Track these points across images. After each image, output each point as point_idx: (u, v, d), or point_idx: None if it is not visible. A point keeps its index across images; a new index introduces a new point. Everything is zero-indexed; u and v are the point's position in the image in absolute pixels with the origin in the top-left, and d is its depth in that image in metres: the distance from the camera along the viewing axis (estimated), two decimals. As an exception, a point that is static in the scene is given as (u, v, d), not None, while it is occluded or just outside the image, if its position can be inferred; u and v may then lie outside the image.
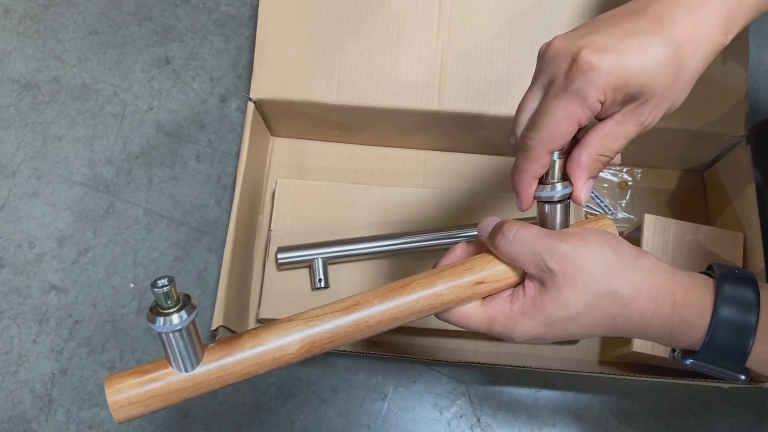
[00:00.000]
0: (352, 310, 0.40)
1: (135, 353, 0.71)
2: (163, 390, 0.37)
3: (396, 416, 0.70)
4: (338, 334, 0.39)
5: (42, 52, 0.83)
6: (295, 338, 0.39)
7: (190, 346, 0.36)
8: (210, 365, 0.38)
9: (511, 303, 0.41)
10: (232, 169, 0.79)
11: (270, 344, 0.38)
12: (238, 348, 0.38)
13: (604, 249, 0.39)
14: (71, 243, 0.75)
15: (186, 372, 0.37)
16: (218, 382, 0.38)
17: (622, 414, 0.70)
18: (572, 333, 0.40)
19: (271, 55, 0.70)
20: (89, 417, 0.69)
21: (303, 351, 0.39)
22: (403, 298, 0.41)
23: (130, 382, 0.37)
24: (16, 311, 0.72)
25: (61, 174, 0.78)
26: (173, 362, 0.37)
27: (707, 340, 0.39)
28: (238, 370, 0.38)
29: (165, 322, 0.35)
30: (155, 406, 0.37)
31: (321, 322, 0.39)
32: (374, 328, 0.40)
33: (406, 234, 0.69)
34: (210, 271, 0.74)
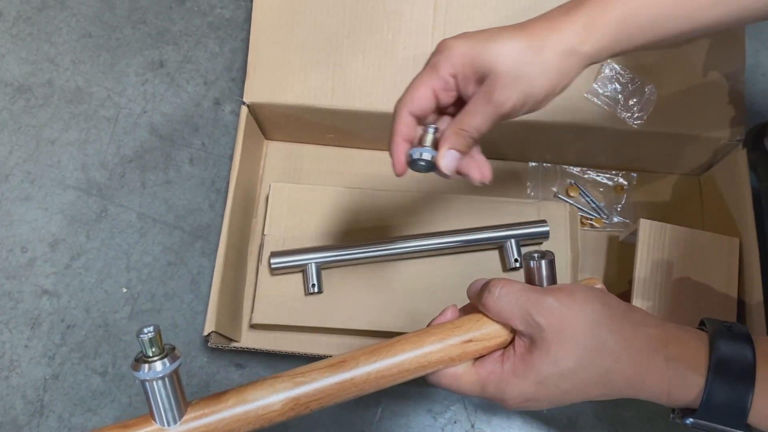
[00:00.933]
0: (338, 369, 0.39)
1: (128, 358, 0.71)
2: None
3: (390, 422, 0.69)
4: (324, 393, 0.39)
5: (35, 55, 0.82)
6: (280, 397, 0.38)
7: (173, 397, 0.36)
8: (192, 421, 0.37)
9: (502, 363, 0.40)
10: (225, 173, 0.78)
11: (254, 402, 0.38)
12: (222, 404, 0.38)
13: (592, 302, 0.39)
14: (64, 247, 0.75)
15: (168, 426, 0.37)
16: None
17: (617, 421, 0.70)
18: (566, 391, 0.39)
19: (265, 58, 0.70)
20: (81, 423, 0.69)
21: (287, 409, 0.38)
22: (391, 357, 0.40)
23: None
24: (8, 316, 0.72)
25: (53, 178, 0.77)
26: (156, 415, 0.37)
27: (705, 397, 0.38)
28: (221, 427, 0.37)
29: (149, 369, 0.35)
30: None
31: (307, 379, 0.38)
32: (360, 388, 0.39)
33: (399, 239, 0.69)
34: (203, 276, 0.74)
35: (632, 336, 0.38)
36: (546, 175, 0.78)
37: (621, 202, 0.77)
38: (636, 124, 0.69)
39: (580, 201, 0.77)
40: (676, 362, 0.38)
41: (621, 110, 0.69)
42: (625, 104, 0.69)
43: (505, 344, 0.41)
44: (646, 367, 0.38)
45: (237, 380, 0.70)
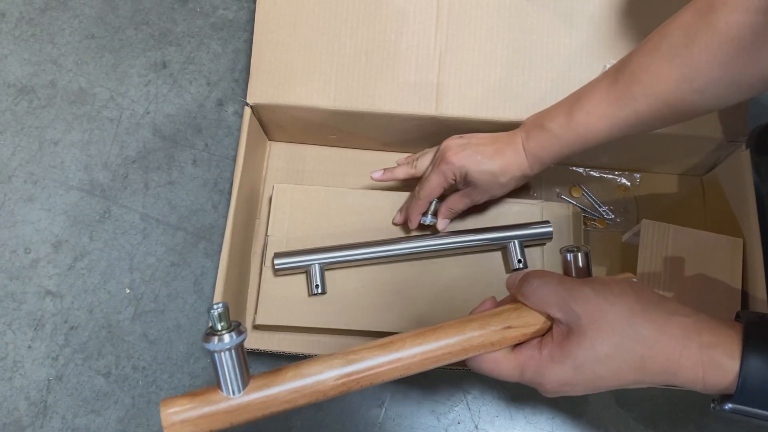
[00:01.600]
0: (386, 349, 0.42)
1: (131, 359, 0.71)
2: (211, 412, 0.40)
3: (393, 423, 0.69)
4: (373, 370, 0.42)
5: (38, 56, 0.82)
6: (333, 373, 0.41)
7: (239, 368, 0.40)
8: (255, 392, 0.41)
9: (540, 349, 0.42)
10: (229, 174, 0.78)
11: (310, 377, 0.41)
12: (281, 377, 0.41)
13: (627, 292, 0.41)
14: (67, 248, 0.75)
15: (233, 395, 0.40)
16: (262, 408, 0.41)
17: (621, 421, 0.70)
18: (601, 376, 0.40)
19: (268, 59, 0.70)
20: (84, 424, 0.69)
21: (339, 383, 0.41)
22: (435, 341, 0.43)
23: (183, 403, 0.40)
24: (11, 317, 0.72)
25: (56, 179, 0.77)
26: (222, 384, 0.40)
27: (741, 381, 0.38)
28: (281, 398, 0.41)
29: (218, 341, 0.39)
30: (203, 427, 0.40)
31: (358, 357, 0.42)
32: (407, 367, 0.42)
33: (404, 240, 0.69)
34: (207, 277, 0.74)
35: (666, 324, 0.40)
36: (550, 176, 0.78)
37: (624, 203, 0.77)
38: (639, 124, 0.69)
39: (584, 201, 0.77)
40: (710, 349, 0.39)
41: (624, 111, 0.69)
42: (628, 105, 0.69)
43: (543, 332, 0.43)
44: (680, 354, 0.39)
45: (240, 381, 0.70)
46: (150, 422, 0.69)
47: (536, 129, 0.61)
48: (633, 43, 0.70)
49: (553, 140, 0.60)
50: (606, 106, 0.56)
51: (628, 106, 0.54)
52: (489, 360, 0.44)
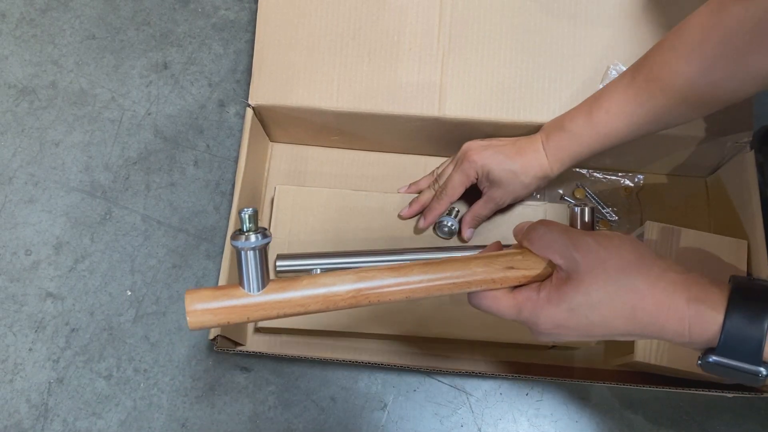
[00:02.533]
0: (396, 272, 0.45)
1: (132, 362, 0.70)
2: (231, 305, 0.43)
3: (396, 426, 0.69)
4: (381, 288, 0.44)
5: (39, 57, 0.82)
6: (345, 287, 0.44)
7: (260, 268, 0.43)
8: (273, 292, 0.43)
9: (538, 291, 0.44)
10: (230, 175, 0.78)
11: (324, 287, 0.44)
12: (297, 283, 0.44)
13: (626, 246, 0.43)
14: (68, 250, 0.74)
15: (253, 292, 0.43)
16: (277, 307, 0.43)
17: (624, 423, 0.69)
18: (593, 322, 0.42)
19: (270, 60, 0.70)
20: (86, 427, 0.68)
21: (349, 296, 0.44)
22: (441, 271, 0.45)
23: (206, 294, 0.43)
24: (12, 319, 0.72)
25: (57, 180, 0.77)
26: (244, 281, 0.43)
27: (723, 334, 0.40)
28: (295, 301, 0.43)
29: (245, 239, 0.42)
30: (222, 318, 0.43)
31: (369, 275, 0.45)
32: (412, 292, 0.45)
33: (407, 251, 0.68)
34: (208, 278, 0.74)
35: (658, 279, 0.42)
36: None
37: (628, 205, 0.77)
38: (643, 125, 0.68)
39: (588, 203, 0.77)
40: (697, 303, 0.41)
41: (628, 112, 0.69)
42: (632, 106, 0.69)
43: (543, 278, 0.45)
44: (668, 306, 0.41)
45: (243, 384, 0.70)
46: (151, 425, 0.68)
47: (556, 130, 0.64)
48: (637, 43, 0.70)
49: (574, 140, 0.62)
50: (625, 104, 0.58)
51: (647, 102, 0.57)
52: (489, 297, 0.46)
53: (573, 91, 0.69)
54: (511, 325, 0.68)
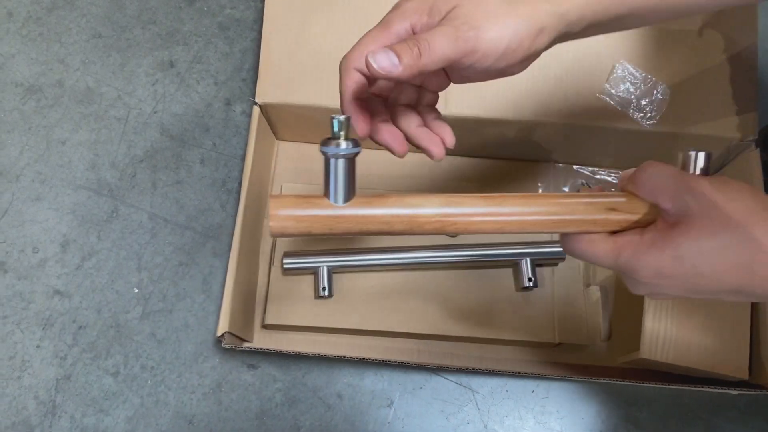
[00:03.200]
0: (488, 200, 0.42)
1: (139, 359, 0.71)
2: (315, 215, 0.41)
3: (402, 423, 0.69)
4: (469, 216, 0.41)
5: (45, 56, 0.82)
6: (433, 209, 0.41)
7: (348, 179, 0.41)
8: (358, 206, 0.41)
9: (641, 235, 0.40)
10: (236, 173, 0.78)
11: (411, 208, 0.41)
12: (384, 200, 0.42)
13: (745, 194, 0.38)
14: (75, 247, 0.75)
15: (336, 203, 0.41)
16: (361, 222, 0.41)
17: (629, 420, 0.69)
18: (701, 273, 0.38)
19: (277, 58, 0.70)
20: (93, 423, 0.69)
21: (434, 220, 0.41)
22: (538, 205, 0.42)
23: (291, 200, 0.41)
24: (19, 316, 0.72)
25: (64, 178, 0.77)
26: (331, 191, 0.41)
27: None
28: (380, 218, 0.41)
29: (335, 146, 0.40)
30: (304, 226, 0.41)
31: (458, 201, 0.42)
32: (503, 224, 0.42)
33: (414, 249, 0.69)
34: (215, 276, 0.74)
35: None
36: (557, 175, 0.78)
37: (632, 203, 0.77)
38: (648, 124, 0.69)
39: (592, 201, 0.77)
40: None
41: (633, 110, 0.69)
42: (638, 104, 0.69)
43: (647, 224, 0.41)
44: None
45: (249, 381, 0.70)
46: (159, 422, 0.69)
47: None
48: (642, 41, 0.70)
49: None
50: None
51: None
52: (584, 240, 0.42)
53: (579, 89, 0.69)
54: (517, 324, 0.68)
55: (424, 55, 0.39)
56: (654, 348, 0.63)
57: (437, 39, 0.39)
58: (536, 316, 0.68)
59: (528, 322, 0.68)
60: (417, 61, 0.39)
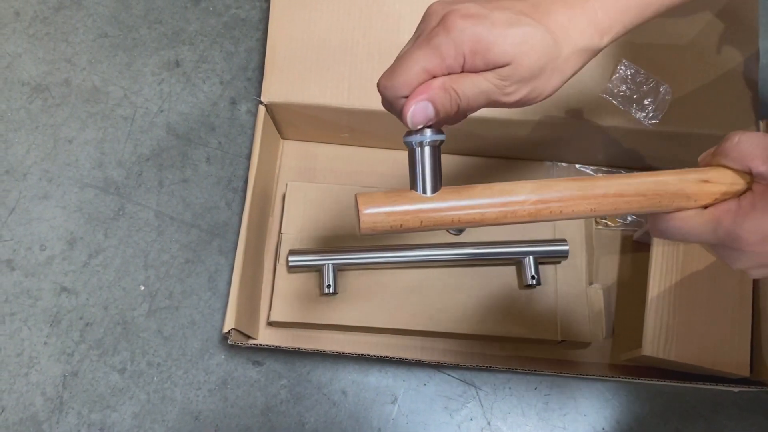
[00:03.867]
0: (578, 183, 0.41)
1: (146, 355, 0.71)
2: (405, 209, 0.40)
3: (406, 419, 0.70)
4: (564, 202, 0.40)
5: (52, 55, 0.83)
6: (525, 196, 0.40)
7: (435, 168, 0.40)
8: (447, 196, 0.41)
9: (739, 201, 0.39)
10: (242, 172, 0.79)
11: (502, 196, 0.41)
12: (473, 190, 0.41)
13: None
14: (82, 245, 0.75)
15: (426, 194, 0.40)
16: (452, 212, 0.40)
17: (632, 417, 0.70)
18: None
19: (282, 58, 0.71)
20: (100, 419, 0.69)
21: (529, 206, 0.40)
22: (629, 179, 0.41)
23: (379, 197, 0.40)
24: (27, 313, 0.73)
25: (71, 176, 0.78)
26: (418, 182, 0.40)
27: None
28: (472, 206, 0.40)
29: (421, 133, 0.39)
30: (395, 221, 0.40)
31: (551, 184, 0.41)
32: (599, 206, 0.41)
33: (418, 247, 0.69)
34: (221, 274, 0.75)
35: None
36: (560, 175, 0.79)
37: (634, 201, 0.78)
38: (651, 123, 0.69)
39: (594, 200, 0.78)
40: None
41: (636, 110, 0.70)
42: (640, 104, 0.70)
43: (741, 193, 0.40)
44: None
45: (255, 377, 0.71)
46: (165, 418, 0.69)
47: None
48: (647, 39, 0.70)
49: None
50: None
51: None
52: (677, 218, 0.40)
53: (582, 87, 0.70)
54: (520, 321, 0.69)
55: (460, 112, 0.40)
56: (656, 345, 0.64)
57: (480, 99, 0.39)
58: (539, 313, 0.69)
59: (531, 319, 0.69)
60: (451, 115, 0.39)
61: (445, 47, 0.37)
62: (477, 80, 0.38)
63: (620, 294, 0.74)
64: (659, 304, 0.65)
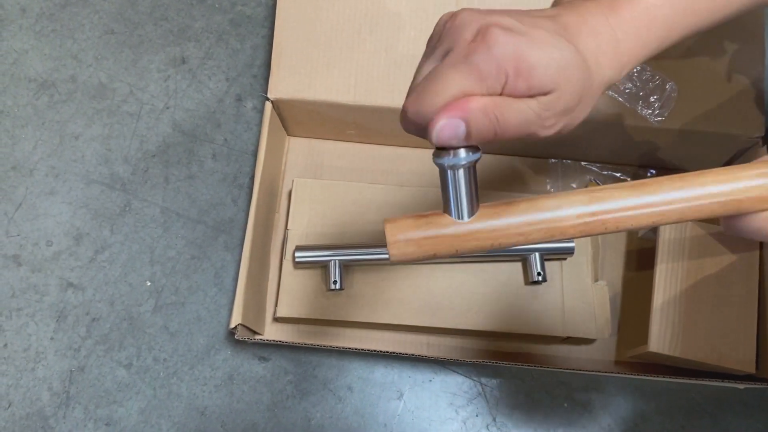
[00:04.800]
0: (639, 190, 0.36)
1: (152, 351, 0.72)
2: (438, 234, 0.37)
3: (412, 415, 0.70)
4: (622, 213, 0.36)
5: (59, 51, 0.83)
6: (575, 210, 0.36)
7: (471, 191, 0.36)
8: (486, 218, 0.37)
9: None
10: (248, 168, 0.79)
11: (547, 211, 0.37)
12: (514, 207, 0.37)
13: None
14: (88, 241, 0.75)
15: (462, 219, 0.37)
16: (491, 236, 0.37)
17: (637, 414, 0.70)
18: None
19: (289, 54, 0.71)
20: (106, 414, 0.69)
21: (580, 222, 0.36)
22: (701, 186, 0.36)
23: (409, 222, 0.37)
24: (33, 308, 0.73)
25: (77, 172, 0.78)
26: (452, 205, 0.37)
27: None
28: (513, 229, 0.37)
29: (453, 155, 0.34)
30: (427, 249, 0.37)
31: (604, 195, 0.37)
32: (662, 215, 0.36)
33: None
34: (227, 270, 0.75)
35: None
36: (565, 172, 0.79)
37: (640, 199, 0.78)
38: (656, 120, 0.69)
39: (600, 197, 0.78)
40: None
41: (641, 107, 0.70)
42: (646, 101, 0.70)
43: None
44: None
45: (261, 373, 0.71)
46: (171, 413, 0.70)
47: None
48: (651, 39, 0.70)
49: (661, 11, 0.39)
50: None
51: None
52: (759, 218, 0.36)
53: (588, 86, 0.70)
54: (526, 318, 0.69)
55: (496, 136, 0.34)
56: (662, 342, 0.64)
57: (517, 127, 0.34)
58: (545, 310, 0.69)
59: (536, 316, 0.69)
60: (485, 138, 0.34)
61: (485, 65, 0.33)
62: (521, 107, 0.34)
63: (626, 291, 0.74)
64: (665, 301, 0.65)
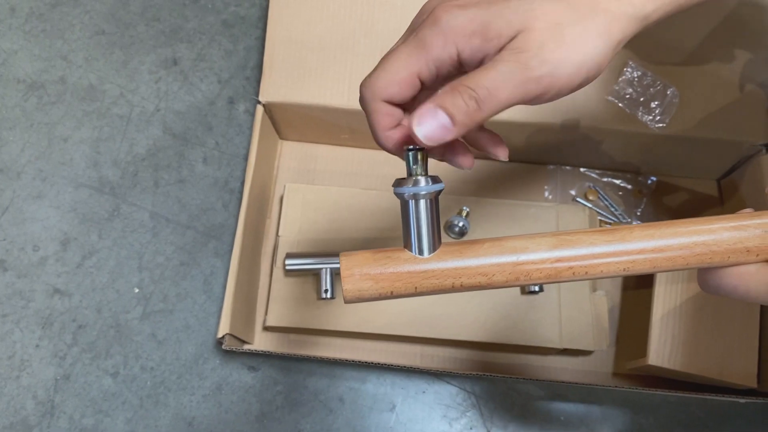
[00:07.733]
0: (609, 236, 0.35)
1: (139, 359, 0.70)
2: (396, 271, 0.35)
3: (405, 427, 0.68)
4: (591, 260, 0.35)
5: (48, 52, 0.82)
6: (542, 255, 0.35)
7: (432, 224, 0.35)
8: (447, 256, 0.35)
9: None
10: (239, 173, 0.77)
11: (513, 253, 0.35)
12: (478, 248, 0.35)
13: None
14: (76, 246, 0.74)
15: (420, 255, 0.35)
16: (453, 276, 0.35)
17: (635, 427, 0.68)
18: None
19: (281, 57, 0.69)
20: (92, 424, 0.68)
21: (547, 267, 0.35)
22: (672, 236, 0.34)
23: (365, 257, 0.36)
24: (19, 315, 0.71)
25: (66, 176, 0.77)
26: (412, 240, 0.35)
27: None
28: (476, 269, 0.35)
29: (413, 184, 0.34)
30: (384, 287, 0.35)
31: (573, 239, 0.35)
32: (633, 265, 0.35)
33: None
34: (216, 277, 0.73)
35: None
36: (565, 178, 0.77)
37: (640, 206, 0.76)
38: (657, 127, 0.68)
39: (599, 205, 0.76)
40: None
41: (642, 113, 0.68)
42: (647, 107, 0.68)
43: None
44: None
45: (250, 383, 0.69)
46: (158, 423, 0.68)
47: None
48: (653, 40, 0.69)
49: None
50: None
51: None
52: (734, 274, 0.34)
53: (588, 89, 0.68)
54: (522, 328, 0.67)
55: (484, 108, 0.31)
56: (661, 355, 0.63)
57: (501, 85, 0.31)
58: (541, 320, 0.67)
59: (533, 326, 0.67)
60: (475, 117, 0.32)
61: (430, 38, 0.33)
62: (491, 66, 0.31)
63: (624, 301, 0.72)
64: (665, 313, 0.64)
